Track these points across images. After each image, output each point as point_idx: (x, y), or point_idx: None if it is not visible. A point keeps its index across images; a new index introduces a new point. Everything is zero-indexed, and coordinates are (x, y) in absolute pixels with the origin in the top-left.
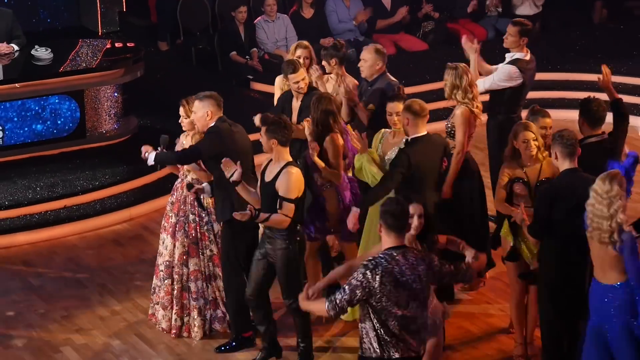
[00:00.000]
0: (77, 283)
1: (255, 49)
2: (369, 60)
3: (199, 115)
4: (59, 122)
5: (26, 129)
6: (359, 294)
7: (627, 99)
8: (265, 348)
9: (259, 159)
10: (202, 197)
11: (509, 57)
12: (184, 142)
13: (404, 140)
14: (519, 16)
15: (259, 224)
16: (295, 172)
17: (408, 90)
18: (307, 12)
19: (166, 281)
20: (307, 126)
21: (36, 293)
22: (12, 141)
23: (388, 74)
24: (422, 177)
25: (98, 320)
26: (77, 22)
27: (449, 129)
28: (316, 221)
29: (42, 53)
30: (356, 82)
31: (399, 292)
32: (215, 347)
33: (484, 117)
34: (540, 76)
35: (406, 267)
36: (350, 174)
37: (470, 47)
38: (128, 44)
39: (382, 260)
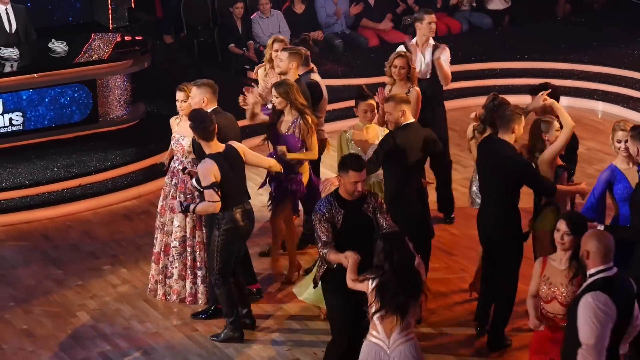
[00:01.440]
0: (91, 254)
1: (251, 41)
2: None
3: (195, 100)
4: (74, 108)
5: (44, 114)
6: None
7: (588, 85)
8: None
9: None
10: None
11: (432, 44)
12: (176, 126)
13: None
14: (490, 10)
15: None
16: (208, 163)
17: None
18: (299, 8)
19: (182, 255)
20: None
21: (54, 263)
22: (31, 126)
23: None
24: (406, 161)
25: (110, 287)
26: (90, 17)
27: None
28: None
29: (58, 46)
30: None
31: None
32: (192, 313)
33: None
34: (509, 65)
35: None
36: None
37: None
38: (136, 38)
39: None
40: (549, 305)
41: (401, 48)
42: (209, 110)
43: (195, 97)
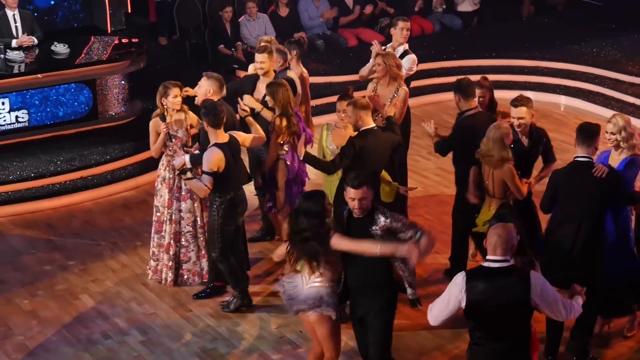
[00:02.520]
0: (92, 241)
1: (239, 43)
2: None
3: (202, 90)
4: (75, 106)
5: (48, 112)
6: None
7: (551, 80)
8: (238, 297)
9: None
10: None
11: (401, 50)
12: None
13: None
14: (460, 12)
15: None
16: (216, 151)
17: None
18: (283, 11)
19: (196, 238)
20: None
21: (58, 250)
22: (36, 123)
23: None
24: (370, 166)
25: (110, 272)
26: (90, 21)
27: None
28: (269, 193)
29: (61, 48)
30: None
31: None
32: (193, 294)
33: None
34: (478, 62)
35: None
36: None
37: (375, 49)
38: (133, 40)
39: None
40: None
41: (388, 48)
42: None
43: (202, 86)
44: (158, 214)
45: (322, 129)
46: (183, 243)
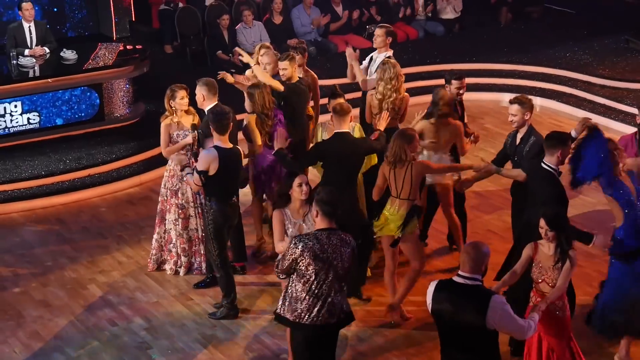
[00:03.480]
0: (100, 235)
1: (236, 48)
2: (270, 64)
3: (197, 96)
4: (83, 108)
5: (57, 114)
6: (287, 263)
7: (527, 83)
8: (227, 307)
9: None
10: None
11: (380, 56)
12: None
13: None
14: (443, 19)
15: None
16: (212, 152)
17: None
18: (277, 19)
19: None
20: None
21: (67, 243)
22: (46, 124)
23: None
24: (342, 171)
25: (116, 263)
26: (97, 29)
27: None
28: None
29: (69, 54)
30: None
31: (317, 264)
32: (194, 284)
33: None
34: (460, 66)
35: (327, 245)
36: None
37: (350, 54)
38: (136, 47)
39: (306, 238)
40: (540, 285)
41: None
42: (210, 106)
43: (197, 92)
44: (181, 211)
45: (317, 128)
46: (185, 246)
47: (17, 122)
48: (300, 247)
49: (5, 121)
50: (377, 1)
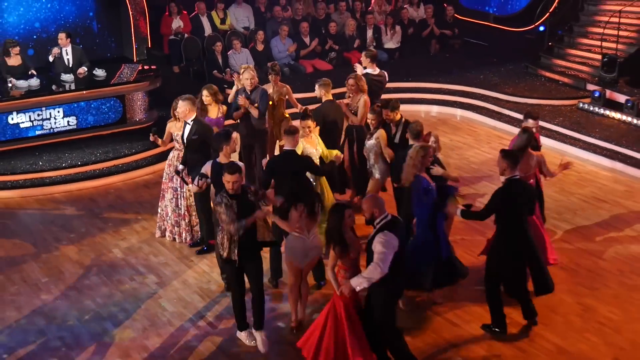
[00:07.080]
0: (122, 210)
1: (228, 69)
2: (250, 79)
3: (180, 110)
4: (110, 114)
5: (91, 118)
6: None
7: (451, 98)
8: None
9: None
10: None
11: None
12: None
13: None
14: (386, 48)
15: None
16: (208, 163)
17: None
18: (260, 47)
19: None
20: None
21: (97, 217)
22: (82, 126)
23: (260, 86)
24: (281, 178)
25: (134, 232)
26: (121, 53)
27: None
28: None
29: (100, 72)
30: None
31: None
32: (197, 250)
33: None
34: (399, 84)
35: None
36: None
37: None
38: (152, 67)
39: None
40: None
41: (358, 71)
42: (191, 119)
43: (180, 107)
44: (174, 192)
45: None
46: (185, 220)
47: (59, 124)
48: None
49: (50, 123)
50: (337, 34)
